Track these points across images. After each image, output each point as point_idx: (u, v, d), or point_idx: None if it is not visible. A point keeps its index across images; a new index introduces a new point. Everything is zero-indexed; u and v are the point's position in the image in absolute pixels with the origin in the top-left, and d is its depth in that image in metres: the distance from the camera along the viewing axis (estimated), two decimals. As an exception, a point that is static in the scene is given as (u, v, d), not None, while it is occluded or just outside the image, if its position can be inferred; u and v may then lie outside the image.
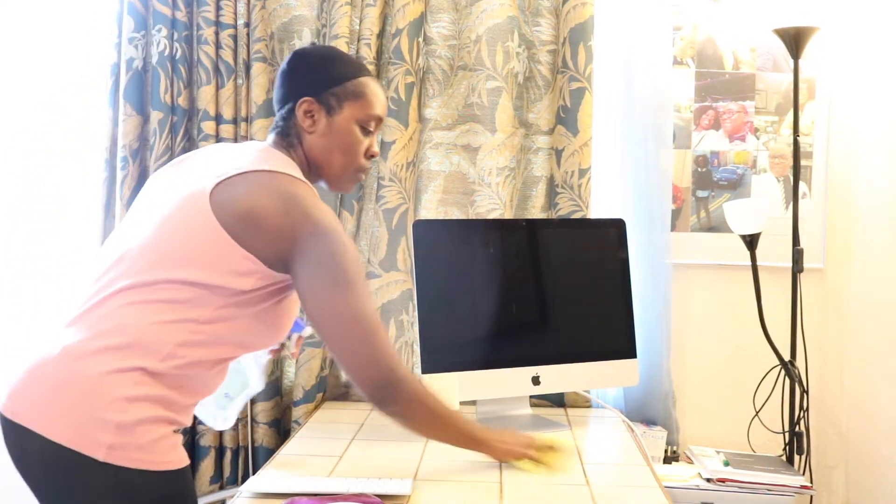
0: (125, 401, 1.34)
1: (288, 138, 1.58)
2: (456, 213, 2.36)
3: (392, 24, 2.28)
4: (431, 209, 2.36)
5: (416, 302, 2.04)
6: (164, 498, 1.37)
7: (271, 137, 1.60)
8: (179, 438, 1.43)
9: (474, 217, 2.33)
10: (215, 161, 1.51)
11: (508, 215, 2.33)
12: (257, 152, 1.51)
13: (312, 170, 1.60)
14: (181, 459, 1.41)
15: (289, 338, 1.95)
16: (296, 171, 1.50)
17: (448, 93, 2.36)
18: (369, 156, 1.62)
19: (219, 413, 1.80)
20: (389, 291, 2.32)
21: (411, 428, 1.52)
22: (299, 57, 1.59)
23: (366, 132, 1.59)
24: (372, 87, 1.60)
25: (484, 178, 2.33)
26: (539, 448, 1.68)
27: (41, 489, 1.38)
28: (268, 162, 1.47)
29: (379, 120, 1.61)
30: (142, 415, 1.35)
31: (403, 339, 2.33)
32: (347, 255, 1.42)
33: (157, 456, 1.36)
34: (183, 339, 1.39)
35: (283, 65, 1.61)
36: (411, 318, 2.33)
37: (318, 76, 1.56)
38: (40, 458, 1.34)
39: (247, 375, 1.84)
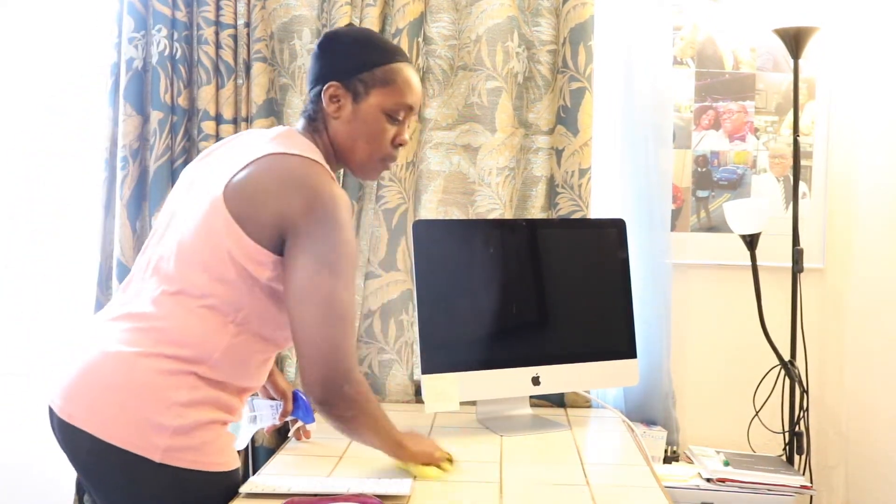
0: (182, 406, 1.39)
1: (314, 123, 1.56)
2: (456, 213, 2.36)
3: (392, 24, 2.28)
4: (431, 209, 2.35)
5: (416, 302, 2.04)
6: (215, 497, 1.43)
7: (300, 121, 1.59)
8: (232, 440, 1.47)
9: (474, 217, 2.33)
10: (236, 152, 1.51)
11: (508, 215, 2.33)
12: (279, 137, 1.50)
13: (338, 155, 1.57)
14: (233, 461, 1.47)
15: (291, 422, 1.95)
16: (315, 154, 1.48)
17: (448, 93, 2.36)
18: (397, 144, 1.58)
19: (240, 434, 1.80)
20: (389, 291, 2.32)
21: (348, 431, 1.49)
22: (330, 39, 1.56)
23: (393, 121, 1.55)
24: (405, 74, 1.55)
25: (484, 178, 2.33)
26: (441, 457, 1.66)
27: (99, 486, 1.43)
28: (284, 145, 1.46)
29: (409, 109, 1.56)
30: (198, 418, 1.40)
31: (403, 339, 2.33)
32: (347, 244, 1.40)
33: (210, 457, 1.41)
34: (227, 342, 1.43)
35: (315, 46, 1.58)
36: (411, 318, 2.33)
37: (347, 60, 1.53)
38: (96, 459, 1.40)
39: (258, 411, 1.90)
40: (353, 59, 1.53)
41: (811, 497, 2.43)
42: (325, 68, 1.54)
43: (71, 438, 1.43)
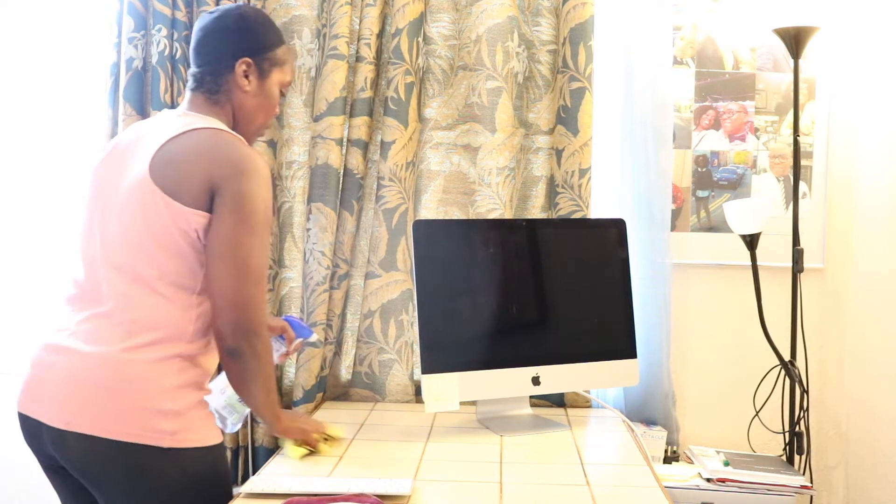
0: (175, 389, 1.48)
1: (215, 96, 1.65)
2: (456, 213, 2.36)
3: (392, 24, 2.28)
4: (431, 209, 2.36)
5: (416, 302, 2.04)
6: (212, 469, 1.53)
7: (195, 97, 1.66)
8: (213, 416, 1.59)
9: (475, 217, 2.33)
10: (147, 138, 1.58)
11: (508, 215, 2.33)
12: (186, 115, 1.61)
13: (235, 125, 1.68)
14: (219, 434, 1.58)
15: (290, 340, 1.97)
16: (221, 125, 1.60)
17: (448, 93, 2.36)
18: (275, 116, 1.77)
19: (230, 417, 1.81)
20: (389, 291, 2.32)
21: (243, 381, 1.55)
22: (240, 17, 1.66)
23: (281, 96, 1.75)
24: (290, 55, 1.75)
25: (484, 178, 2.33)
26: (317, 436, 1.77)
27: (104, 485, 1.47)
28: (197, 121, 1.57)
29: (289, 85, 1.75)
30: (190, 399, 1.50)
31: (403, 339, 2.33)
32: (260, 201, 1.51)
33: (203, 432, 1.51)
34: (196, 314, 1.52)
35: (215, 20, 1.66)
36: (411, 318, 2.33)
37: (257, 39, 1.66)
38: (102, 459, 1.44)
39: None
40: (260, 38, 1.67)
41: (811, 497, 2.43)
42: (238, 45, 1.65)
43: (70, 445, 1.46)
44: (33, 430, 1.52)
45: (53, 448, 1.49)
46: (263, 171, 1.53)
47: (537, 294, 2.11)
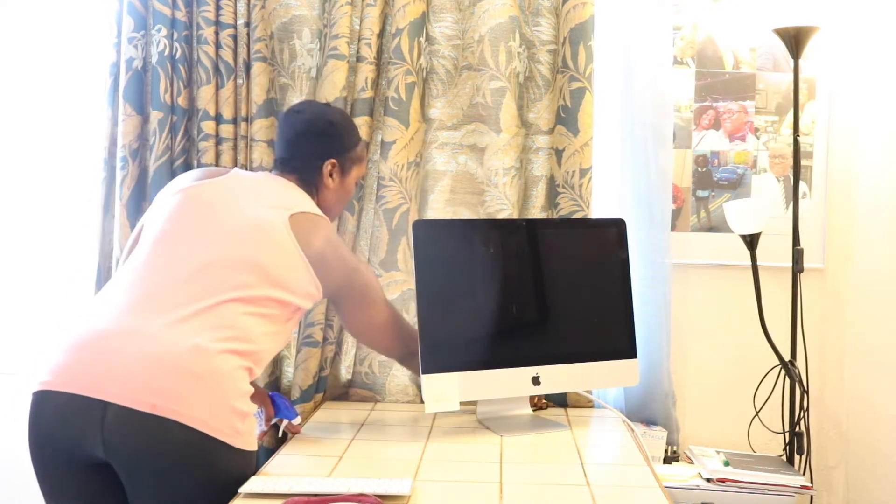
0: (244, 394, 1.60)
1: (308, 187, 1.88)
2: (465, 214, 2.36)
3: (392, 24, 2.28)
4: (439, 209, 2.36)
5: (416, 302, 2.03)
6: (251, 472, 1.62)
7: (288, 176, 1.88)
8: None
9: (485, 217, 2.32)
10: (269, 191, 1.80)
11: (516, 215, 2.33)
12: (304, 195, 1.84)
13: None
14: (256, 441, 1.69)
15: (275, 426, 2.02)
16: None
17: (453, 92, 2.36)
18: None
19: None
20: (389, 291, 2.31)
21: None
22: (329, 123, 1.89)
23: (357, 185, 2.00)
24: (365, 150, 1.99)
25: (491, 179, 2.33)
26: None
27: (161, 477, 1.50)
28: (317, 207, 1.85)
29: (364, 177, 2.06)
30: (250, 405, 1.62)
31: (403, 339, 2.33)
32: (374, 280, 1.90)
33: (253, 439, 1.62)
34: (269, 346, 1.68)
35: (307, 124, 1.88)
36: (411, 318, 2.33)
37: (341, 143, 1.91)
38: (181, 449, 1.50)
39: None
40: (345, 141, 1.92)
41: (811, 497, 2.43)
42: (326, 147, 1.89)
43: (144, 430, 1.48)
44: (78, 411, 1.50)
45: (114, 431, 1.48)
46: (357, 258, 1.88)
47: (537, 294, 2.11)
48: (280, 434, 2.02)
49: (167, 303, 1.60)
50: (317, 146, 1.89)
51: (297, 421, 1.99)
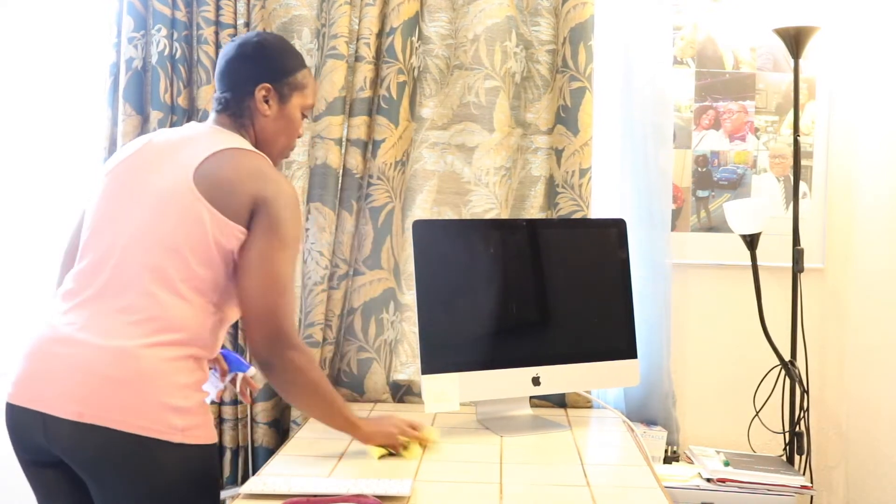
0: (186, 387, 1.53)
1: (240, 119, 1.73)
2: (448, 214, 2.35)
3: (387, 23, 2.28)
4: (426, 209, 2.35)
5: (400, 301, 2.03)
6: (209, 465, 1.58)
7: (221, 118, 1.72)
8: (211, 417, 1.64)
9: (468, 217, 2.32)
10: (183, 149, 1.64)
11: (505, 215, 2.33)
12: (222, 134, 1.67)
13: (257, 147, 1.74)
14: (215, 435, 1.62)
15: (232, 381, 1.98)
16: (251, 147, 1.68)
17: (444, 92, 2.36)
18: (298, 136, 1.82)
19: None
20: (372, 290, 2.31)
21: (292, 395, 1.63)
22: (258, 45, 1.73)
23: (303, 118, 1.80)
24: (311, 78, 1.80)
25: (480, 178, 2.33)
26: (405, 436, 1.78)
27: (114, 480, 1.49)
28: (234, 141, 1.66)
29: (311, 108, 1.81)
30: (197, 398, 1.56)
31: (383, 338, 2.32)
32: (294, 220, 1.61)
33: (205, 431, 1.56)
34: (212, 322, 1.60)
35: (236, 48, 1.73)
36: (391, 317, 2.32)
37: (276, 65, 1.73)
38: (117, 453, 1.47)
39: None
40: (280, 63, 1.74)
41: (811, 497, 2.43)
42: (257, 71, 1.72)
43: (78, 437, 1.47)
44: (27, 422, 1.52)
45: (54, 440, 1.49)
46: (295, 195, 1.64)
47: (537, 294, 2.11)
48: (238, 389, 1.98)
49: (96, 300, 1.55)
50: (247, 70, 1.72)
51: (251, 373, 1.97)
